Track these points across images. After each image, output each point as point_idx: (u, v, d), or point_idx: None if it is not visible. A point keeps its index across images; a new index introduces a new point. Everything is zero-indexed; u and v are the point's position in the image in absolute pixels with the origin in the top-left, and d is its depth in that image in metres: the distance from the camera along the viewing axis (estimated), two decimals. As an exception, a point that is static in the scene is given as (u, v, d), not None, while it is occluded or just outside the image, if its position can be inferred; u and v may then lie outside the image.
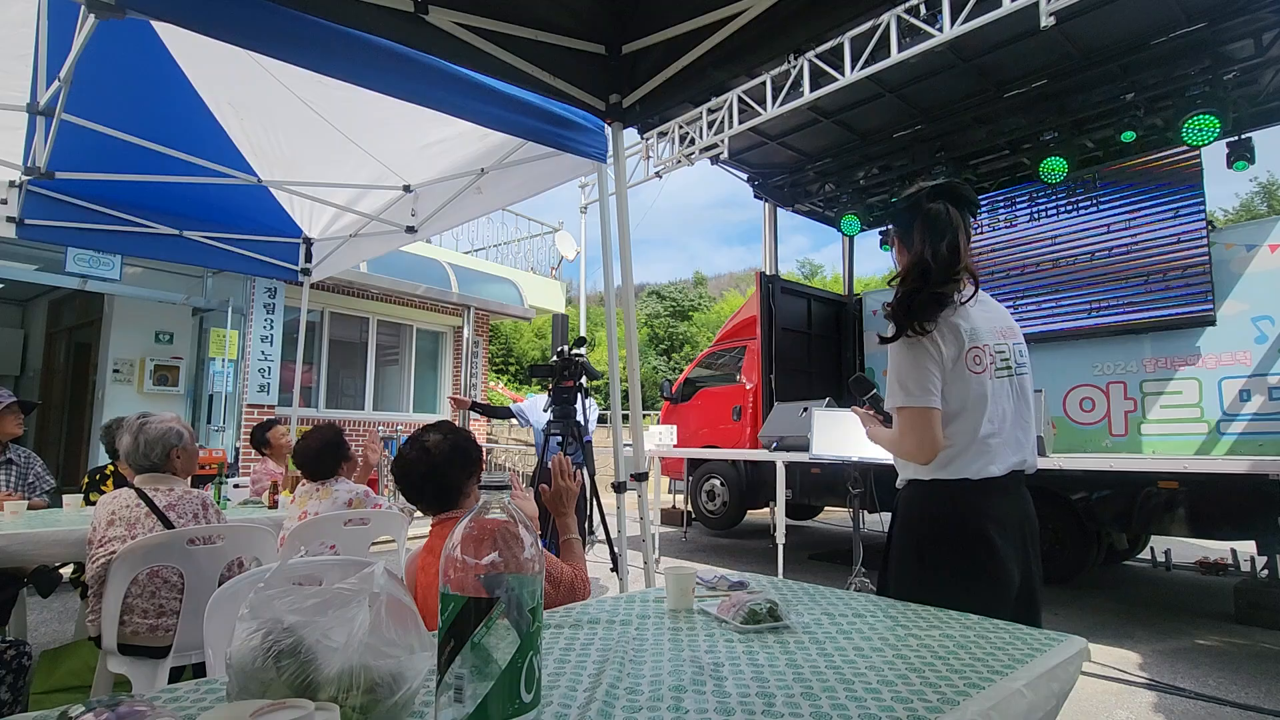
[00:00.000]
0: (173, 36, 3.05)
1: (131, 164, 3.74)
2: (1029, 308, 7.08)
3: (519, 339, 29.07)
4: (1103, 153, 7.01)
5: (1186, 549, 6.24)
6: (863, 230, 8.79)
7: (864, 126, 7.55)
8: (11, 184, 3.95)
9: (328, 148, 3.69)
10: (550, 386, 4.31)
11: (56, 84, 2.57)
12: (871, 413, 1.96)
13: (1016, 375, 1.72)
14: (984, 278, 7.87)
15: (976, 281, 1.72)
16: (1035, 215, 7.26)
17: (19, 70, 2.89)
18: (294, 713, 0.61)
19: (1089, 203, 6.88)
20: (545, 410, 4.48)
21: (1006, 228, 7.45)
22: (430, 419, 10.02)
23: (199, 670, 2.28)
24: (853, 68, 5.88)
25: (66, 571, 3.44)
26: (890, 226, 1.89)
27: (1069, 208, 7.02)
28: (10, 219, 4.04)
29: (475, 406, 5.48)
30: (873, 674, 1.05)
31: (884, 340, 1.67)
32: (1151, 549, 5.97)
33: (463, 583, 0.68)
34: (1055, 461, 4.65)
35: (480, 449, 1.72)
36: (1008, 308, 1.86)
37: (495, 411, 5.95)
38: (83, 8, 1.85)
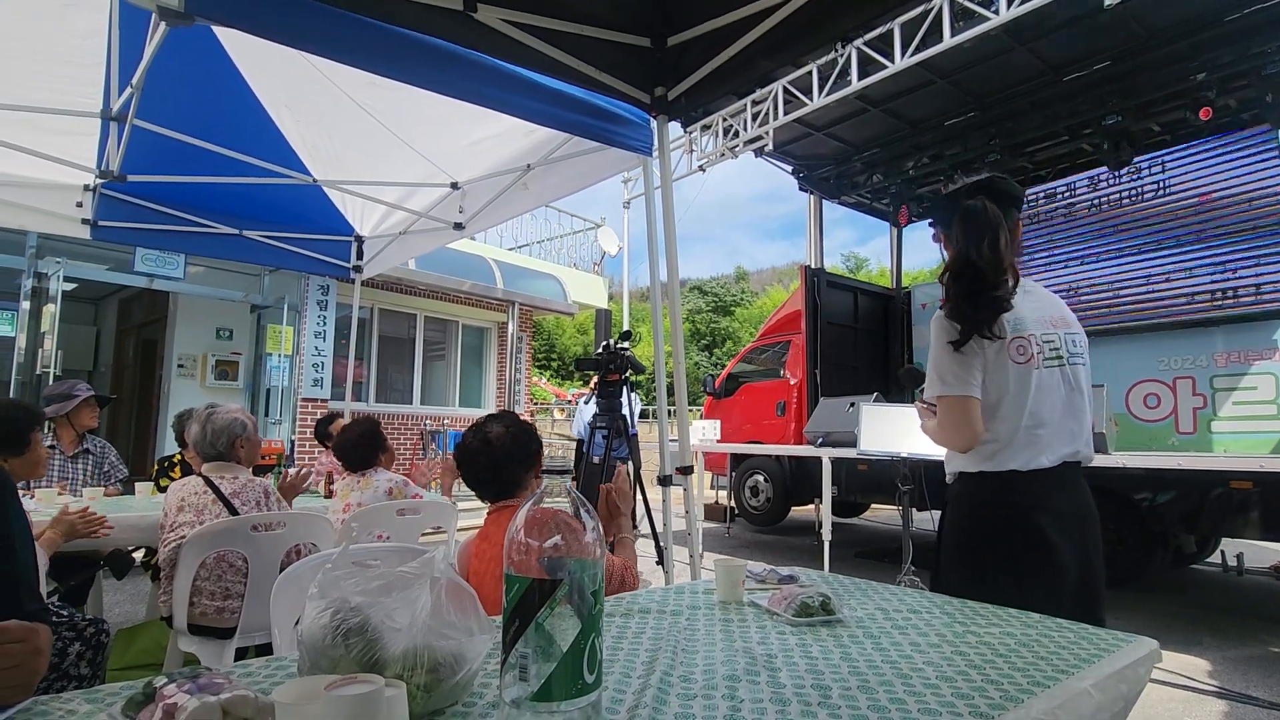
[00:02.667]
0: (233, 42, 3.16)
1: (195, 166, 3.89)
2: (1089, 300, 6.80)
3: (561, 334, 29.35)
4: (1171, 137, 6.68)
5: (1260, 552, 5.92)
6: (913, 221, 8.57)
7: (914, 115, 7.36)
8: (86, 187, 4.15)
9: (378, 147, 3.77)
10: (595, 381, 4.34)
11: (129, 90, 2.70)
12: (925, 405, 1.93)
13: (1070, 365, 1.69)
14: (1042, 268, 7.57)
15: (1017, 277, 1.70)
16: (1096, 204, 6.96)
17: (91, 78, 3.04)
18: (365, 687, 0.63)
19: (1155, 189, 6.56)
20: (587, 402, 4.51)
21: (1065, 217, 7.16)
22: (475, 413, 10.18)
23: (261, 650, 2.37)
24: (903, 54, 5.73)
25: (138, 555, 3.63)
26: (933, 220, 1.89)
27: (1133, 195, 6.71)
28: (85, 221, 4.25)
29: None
30: (931, 669, 1.03)
31: (956, 344, 1.66)
32: (1222, 552, 5.67)
33: (526, 565, 0.70)
34: (1117, 459, 4.47)
35: (540, 442, 1.74)
36: (1066, 300, 1.82)
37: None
38: (153, 16, 1.93)
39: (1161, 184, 6.52)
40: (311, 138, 3.90)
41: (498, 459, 1.64)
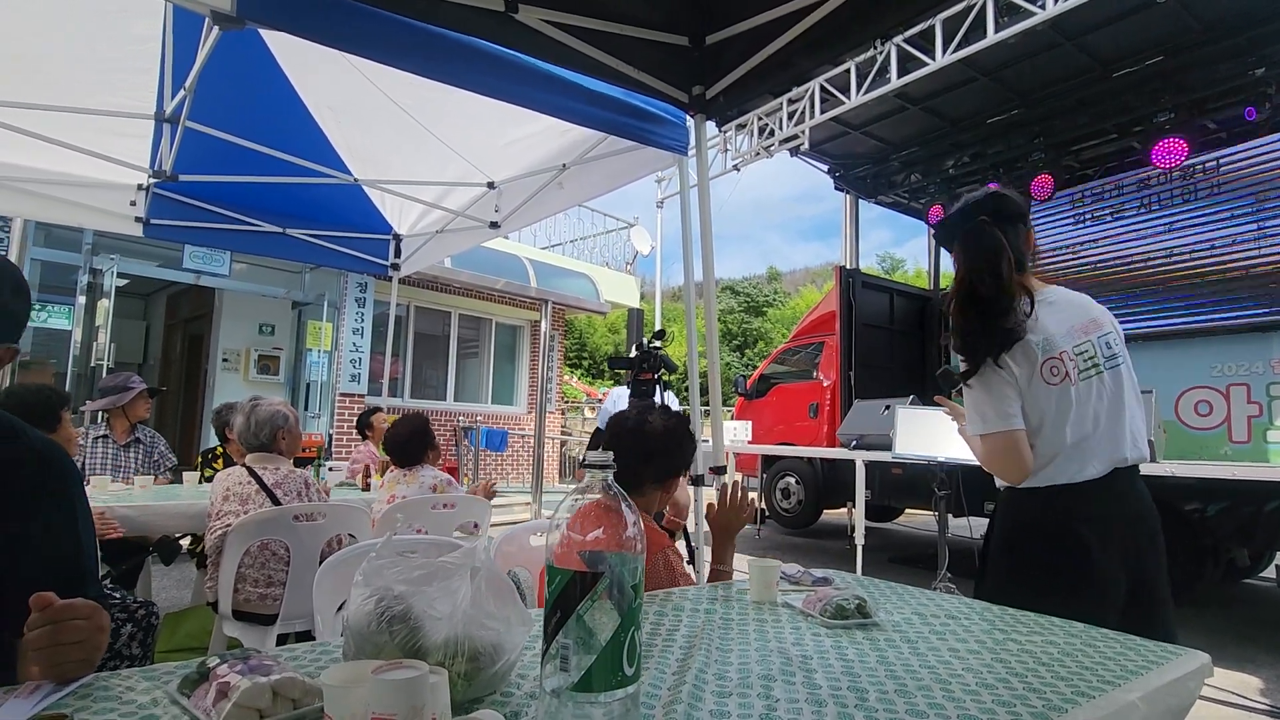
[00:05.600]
0: (279, 45, 3.25)
1: (242, 166, 4.01)
2: (1139, 304, 6.57)
3: (593, 333, 29.45)
4: (1226, 134, 6.42)
5: (1318, 568, 5.67)
6: (949, 222, 8.39)
7: (954, 113, 7.21)
8: (139, 187, 4.31)
9: (417, 146, 3.84)
10: (629, 379, 4.35)
11: (182, 93, 2.79)
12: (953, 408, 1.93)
13: (1107, 370, 1.63)
14: (1086, 272, 7.34)
15: (1031, 296, 1.64)
16: (1146, 203, 6.73)
17: (145, 82, 3.16)
18: (411, 672, 0.65)
19: (1209, 189, 6.32)
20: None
21: (1113, 218, 6.94)
22: (508, 410, 10.21)
23: (301, 637, 2.43)
24: (944, 51, 5.62)
25: (185, 543, 3.75)
26: (938, 241, 1.87)
27: (1186, 194, 6.47)
28: (138, 219, 4.41)
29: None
30: (970, 676, 1.01)
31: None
32: (1277, 567, 5.46)
33: (568, 558, 0.71)
34: (1166, 468, 4.32)
35: (686, 466, 1.60)
36: (1113, 305, 1.77)
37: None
38: (207, 20, 2.00)
39: (1216, 185, 6.28)
40: (352, 138, 3.99)
41: (633, 448, 1.51)
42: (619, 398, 5.63)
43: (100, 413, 3.88)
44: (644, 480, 1.57)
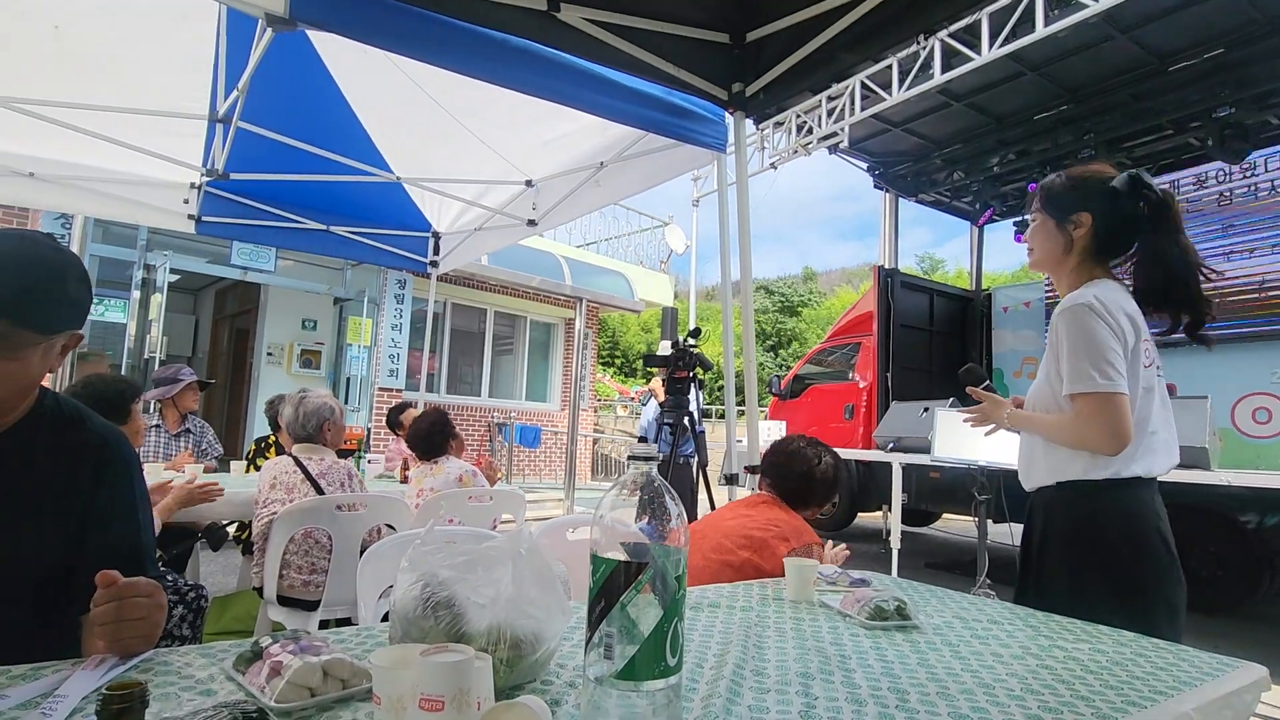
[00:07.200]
0: (324, 45, 3.33)
1: (289, 164, 4.12)
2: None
3: (625, 332, 29.51)
4: (1289, 130, 6.16)
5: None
6: (993, 221, 8.22)
7: (1000, 109, 7.04)
8: (192, 185, 4.46)
9: (457, 145, 3.89)
10: (664, 377, 4.36)
11: (235, 94, 2.88)
12: (971, 411, 1.86)
13: (1159, 374, 1.62)
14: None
15: None
16: (1202, 202, 6.48)
17: (199, 83, 3.26)
18: (458, 655, 0.66)
19: (1270, 187, 6.06)
20: (645, 404, 4.53)
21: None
22: (541, 407, 10.28)
23: (341, 623, 2.50)
24: (990, 46, 5.49)
25: (231, 530, 3.88)
26: (1047, 198, 1.72)
27: (1246, 193, 6.21)
28: (191, 217, 4.56)
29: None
30: (1015, 681, 1.00)
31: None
32: (1339, 583, 5.20)
33: (611, 549, 0.71)
34: (1221, 477, 4.15)
35: (838, 491, 1.94)
36: None
37: None
38: (260, 23, 2.06)
39: (1277, 182, 6.01)
40: (394, 137, 4.06)
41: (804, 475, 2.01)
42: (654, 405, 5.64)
43: (153, 402, 4.03)
44: (810, 502, 2.06)
